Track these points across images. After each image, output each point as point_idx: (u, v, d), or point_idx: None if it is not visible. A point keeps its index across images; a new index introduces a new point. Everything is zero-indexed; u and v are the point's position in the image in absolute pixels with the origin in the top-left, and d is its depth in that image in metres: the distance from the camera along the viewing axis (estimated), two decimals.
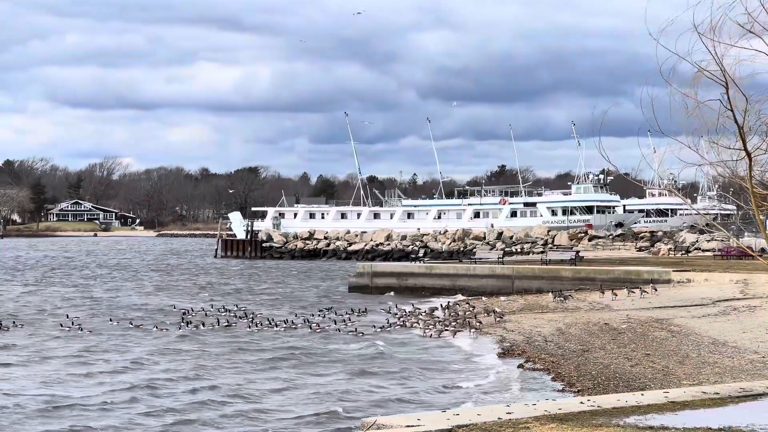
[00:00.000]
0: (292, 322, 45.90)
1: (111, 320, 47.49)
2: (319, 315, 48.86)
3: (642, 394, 17.50)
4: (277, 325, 44.57)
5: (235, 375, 31.60)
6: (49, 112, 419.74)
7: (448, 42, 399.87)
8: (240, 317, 48.06)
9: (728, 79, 14.50)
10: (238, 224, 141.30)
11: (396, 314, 47.47)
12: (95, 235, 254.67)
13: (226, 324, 45.44)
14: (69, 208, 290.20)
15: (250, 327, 44.29)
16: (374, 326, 43.61)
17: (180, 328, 43.91)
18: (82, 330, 43.36)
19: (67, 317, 48.04)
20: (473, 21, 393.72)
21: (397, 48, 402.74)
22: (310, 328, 43.43)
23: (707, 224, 25.65)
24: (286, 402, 27.23)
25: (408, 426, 14.01)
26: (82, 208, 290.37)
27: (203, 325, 45.02)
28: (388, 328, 43.50)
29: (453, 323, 42.96)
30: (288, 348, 37.88)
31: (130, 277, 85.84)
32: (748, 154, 14.76)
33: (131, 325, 45.17)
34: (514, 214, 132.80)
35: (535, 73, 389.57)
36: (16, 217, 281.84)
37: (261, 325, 44.88)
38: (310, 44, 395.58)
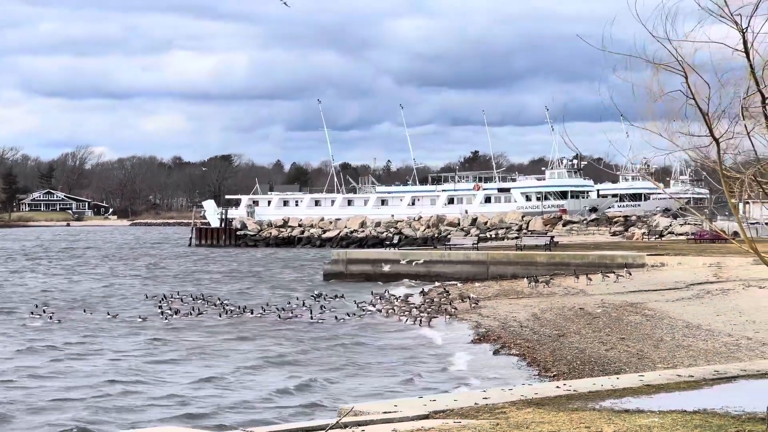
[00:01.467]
0: (262, 309, 45.86)
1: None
2: (307, 301, 48.78)
3: (617, 378, 17.57)
4: (251, 312, 44.58)
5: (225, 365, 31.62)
6: (22, 101, 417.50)
7: (424, 28, 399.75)
8: (213, 305, 48.00)
9: (685, 67, 14.51)
10: (212, 212, 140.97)
11: (371, 301, 47.48)
12: (68, 224, 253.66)
13: (198, 313, 45.30)
14: (41, 198, 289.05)
15: (220, 316, 44.23)
16: (348, 313, 43.62)
17: (162, 317, 43.87)
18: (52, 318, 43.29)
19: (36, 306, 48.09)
20: (449, 7, 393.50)
21: (373, 35, 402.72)
22: (279, 317, 43.33)
23: (681, 208, 25.78)
24: (264, 391, 27.21)
25: (385, 412, 14.02)
26: (55, 198, 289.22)
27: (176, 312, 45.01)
28: (363, 315, 43.53)
29: (428, 310, 42.99)
30: (264, 334, 37.92)
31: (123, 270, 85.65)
32: (716, 140, 14.80)
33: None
34: (488, 200, 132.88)
35: (511, 58, 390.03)
36: None
37: (231, 313, 44.84)
38: (286, 31, 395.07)
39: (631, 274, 50.38)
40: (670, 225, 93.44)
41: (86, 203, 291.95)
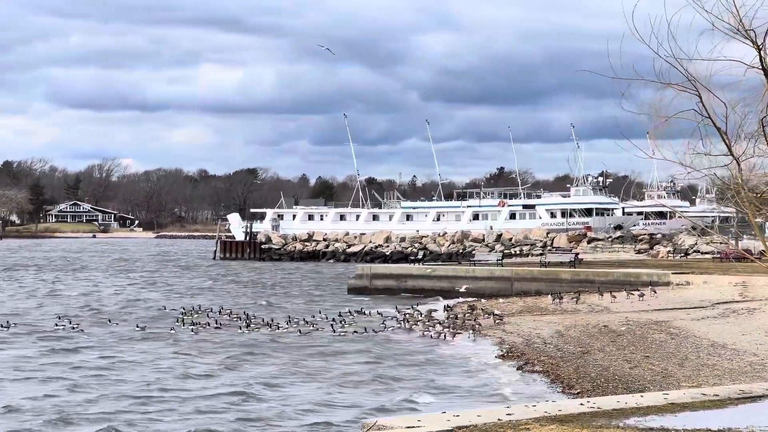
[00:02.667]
0: (282, 323, 45.85)
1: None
2: (330, 315, 48.71)
3: (642, 396, 17.52)
4: (277, 327, 44.61)
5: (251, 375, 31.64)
6: (50, 113, 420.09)
7: (450, 44, 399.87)
8: (238, 318, 48.00)
9: (698, 87, 14.44)
10: (237, 226, 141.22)
11: (395, 316, 47.42)
12: (94, 236, 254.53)
13: (217, 326, 45.28)
14: (68, 210, 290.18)
15: (241, 329, 44.19)
16: (373, 328, 43.59)
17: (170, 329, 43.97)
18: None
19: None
20: (476, 22, 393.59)
21: (400, 50, 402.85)
22: (300, 332, 43.32)
23: (702, 230, 25.67)
24: (285, 405, 27.22)
25: (408, 427, 14.02)
26: (81, 210, 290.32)
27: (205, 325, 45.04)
28: (387, 330, 43.50)
29: (452, 325, 42.93)
30: (286, 348, 37.93)
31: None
32: (736, 159, 14.72)
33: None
34: (513, 216, 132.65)
35: (537, 74, 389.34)
36: (14, 218, 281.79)
37: (254, 327, 44.87)
38: (314, 46, 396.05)
39: (656, 292, 50.18)
40: (696, 243, 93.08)
41: (112, 215, 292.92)
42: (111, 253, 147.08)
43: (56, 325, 45.81)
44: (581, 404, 16.26)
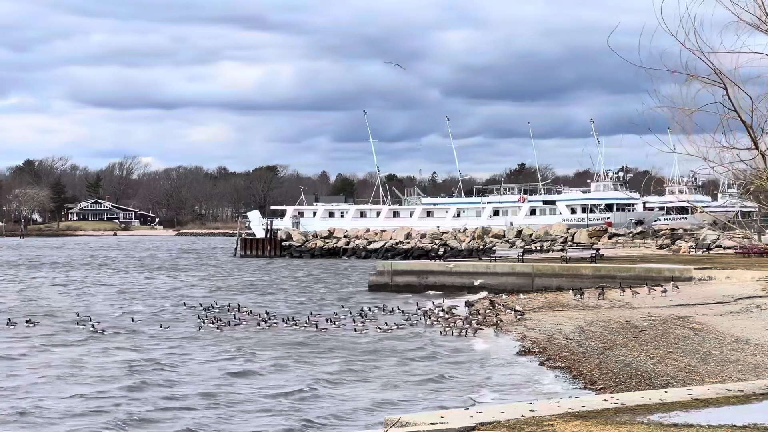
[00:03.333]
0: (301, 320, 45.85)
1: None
2: (353, 312, 48.63)
3: (666, 392, 17.43)
4: (296, 323, 44.64)
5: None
6: (71, 111, 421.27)
7: (470, 40, 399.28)
8: (258, 315, 48.03)
9: (725, 80, 14.33)
10: (257, 223, 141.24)
11: (416, 313, 47.39)
12: (115, 234, 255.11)
13: (237, 323, 45.31)
14: (89, 208, 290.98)
15: (259, 324, 44.30)
16: (395, 324, 43.56)
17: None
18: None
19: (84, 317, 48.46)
20: (496, 18, 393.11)
21: (420, 46, 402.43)
22: (316, 327, 43.33)
23: (725, 225, 25.52)
24: (311, 397, 27.21)
25: (431, 423, 13.97)
26: (102, 208, 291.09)
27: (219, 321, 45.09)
28: (408, 327, 43.47)
29: (473, 321, 42.88)
30: (298, 344, 37.95)
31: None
32: (762, 153, 14.60)
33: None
34: (533, 212, 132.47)
35: (557, 70, 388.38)
36: (36, 216, 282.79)
37: (271, 323, 44.88)
38: (334, 42, 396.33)
39: (678, 288, 49.97)
40: (718, 238, 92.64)
41: (133, 213, 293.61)
42: (141, 251, 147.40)
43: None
44: (605, 400, 16.19)
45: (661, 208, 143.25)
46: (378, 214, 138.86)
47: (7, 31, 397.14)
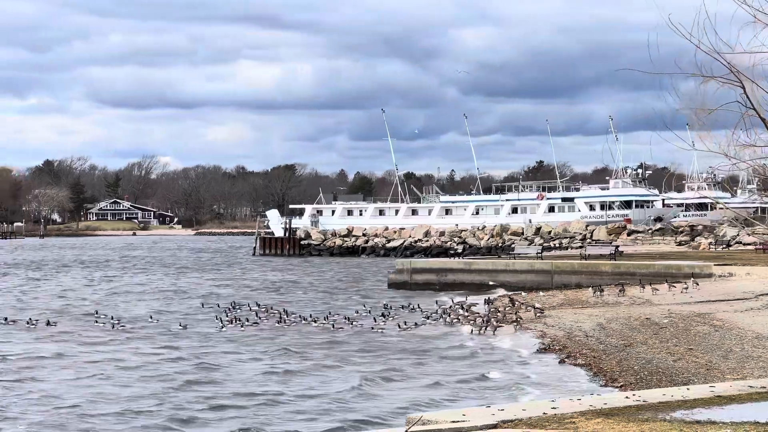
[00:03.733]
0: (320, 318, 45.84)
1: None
2: (373, 311, 48.56)
3: (687, 389, 17.40)
4: (315, 321, 44.69)
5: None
6: (90, 111, 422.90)
7: (488, 38, 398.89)
8: (278, 313, 48.04)
9: (742, 78, 14.28)
10: (275, 222, 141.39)
11: (435, 311, 47.37)
12: (134, 234, 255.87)
13: (256, 322, 45.31)
14: (108, 208, 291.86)
15: (279, 323, 44.33)
16: (415, 322, 43.56)
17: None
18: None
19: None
20: (514, 16, 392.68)
21: (438, 44, 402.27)
22: (333, 326, 43.39)
23: (746, 221, 25.46)
24: (334, 396, 27.23)
25: (453, 421, 13.99)
26: (121, 208, 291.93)
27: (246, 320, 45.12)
28: (428, 324, 43.47)
29: (493, 319, 42.86)
30: (332, 342, 37.97)
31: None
32: None
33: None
34: (551, 209, 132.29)
35: (575, 67, 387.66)
36: (56, 216, 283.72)
37: (290, 322, 44.89)
38: (352, 41, 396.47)
39: (698, 284, 49.85)
40: (738, 234, 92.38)
41: (151, 213, 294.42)
42: (163, 251, 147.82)
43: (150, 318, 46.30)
44: (627, 397, 16.18)
45: (680, 205, 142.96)
46: (397, 212, 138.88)
47: (26, 32, 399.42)
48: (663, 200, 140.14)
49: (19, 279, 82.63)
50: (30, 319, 45.92)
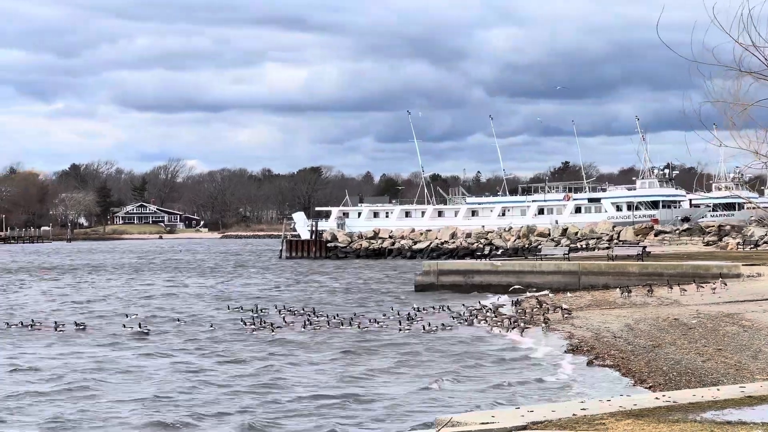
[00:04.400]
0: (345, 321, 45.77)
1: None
2: (402, 312, 48.43)
3: (718, 389, 17.31)
4: (342, 323, 44.64)
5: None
6: (117, 115, 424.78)
7: (514, 38, 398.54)
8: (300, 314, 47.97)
9: None
10: (302, 224, 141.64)
11: (463, 312, 47.32)
12: (160, 237, 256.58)
13: (278, 326, 45.03)
14: (134, 211, 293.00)
15: (305, 327, 44.13)
16: (442, 324, 43.52)
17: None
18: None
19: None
20: (539, 16, 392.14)
21: (464, 45, 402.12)
22: (359, 326, 43.32)
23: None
24: (356, 401, 27.22)
25: (483, 423, 13.95)
26: (147, 211, 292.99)
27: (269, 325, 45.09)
28: (456, 326, 43.43)
29: (520, 320, 42.79)
30: (352, 343, 37.96)
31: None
32: None
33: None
34: (578, 210, 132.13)
35: (602, 67, 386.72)
36: (82, 220, 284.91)
37: (316, 324, 44.82)
38: (377, 42, 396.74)
39: (726, 285, 49.62)
40: (766, 234, 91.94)
41: (178, 216, 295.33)
42: (191, 254, 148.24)
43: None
44: (656, 398, 16.10)
45: (708, 205, 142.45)
46: (423, 214, 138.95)
47: (54, 37, 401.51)
48: (690, 200, 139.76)
49: (107, 281, 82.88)
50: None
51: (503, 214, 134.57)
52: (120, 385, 30.11)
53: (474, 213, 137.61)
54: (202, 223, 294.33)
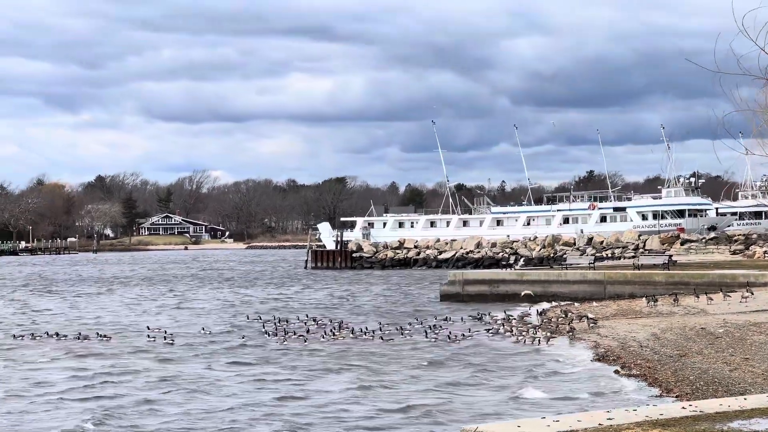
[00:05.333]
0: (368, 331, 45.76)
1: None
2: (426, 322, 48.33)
3: (744, 399, 17.23)
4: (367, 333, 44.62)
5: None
6: (143, 126, 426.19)
7: (540, 47, 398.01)
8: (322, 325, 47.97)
9: None
10: (327, 235, 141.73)
11: (488, 321, 47.24)
12: (186, 248, 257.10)
13: (303, 336, 44.95)
14: (160, 222, 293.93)
15: (324, 337, 43.96)
16: (467, 333, 43.45)
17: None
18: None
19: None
20: (566, 25, 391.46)
21: (489, 55, 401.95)
22: (381, 338, 43.21)
23: None
24: (375, 408, 27.19)
25: None
26: (173, 222, 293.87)
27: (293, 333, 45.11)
28: (481, 335, 43.36)
29: (546, 329, 42.70)
30: (371, 354, 37.93)
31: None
32: None
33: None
34: (603, 219, 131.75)
35: (628, 75, 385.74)
36: (108, 231, 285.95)
37: (337, 333, 44.79)
38: (403, 52, 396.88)
39: (753, 294, 49.40)
40: None
41: (203, 227, 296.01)
42: (217, 265, 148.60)
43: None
44: (683, 408, 16.03)
45: (734, 213, 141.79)
46: (448, 223, 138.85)
47: (80, 49, 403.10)
48: (716, 209, 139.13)
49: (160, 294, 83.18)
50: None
51: (528, 224, 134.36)
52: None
53: (499, 222, 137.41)
54: (227, 233, 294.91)
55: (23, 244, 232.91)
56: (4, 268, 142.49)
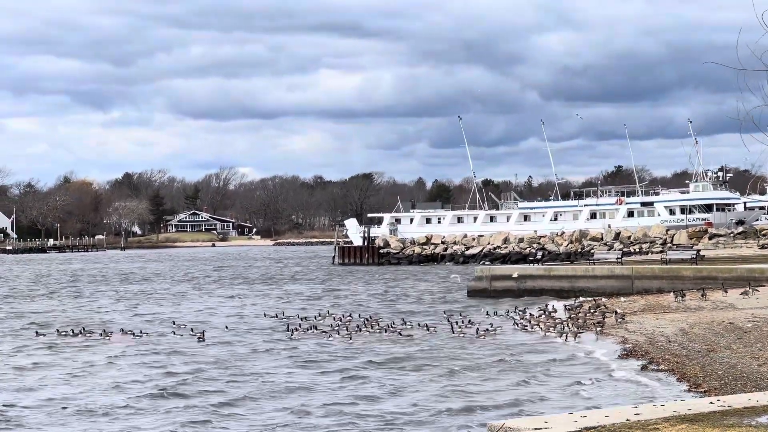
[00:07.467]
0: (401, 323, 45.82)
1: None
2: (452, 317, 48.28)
3: None
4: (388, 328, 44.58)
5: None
6: (172, 123, 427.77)
7: (570, 42, 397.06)
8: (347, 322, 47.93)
9: None
10: (354, 231, 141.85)
11: (516, 317, 47.22)
12: (213, 245, 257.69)
13: (327, 334, 44.83)
14: (187, 219, 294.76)
15: (348, 333, 43.84)
16: (495, 328, 43.42)
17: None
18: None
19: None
20: (595, 19, 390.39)
21: (519, 50, 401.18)
22: (400, 333, 43.15)
23: None
24: (411, 403, 27.22)
25: (536, 429, 13.93)
26: (200, 219, 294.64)
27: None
28: (509, 331, 43.34)
29: (574, 324, 42.63)
30: (405, 351, 37.97)
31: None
32: None
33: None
34: (631, 214, 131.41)
35: (658, 70, 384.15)
36: (136, 228, 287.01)
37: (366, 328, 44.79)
38: (432, 48, 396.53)
39: None
40: None
41: (230, 224, 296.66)
42: (248, 261, 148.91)
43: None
44: (711, 403, 16.00)
45: (762, 208, 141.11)
46: (475, 219, 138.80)
47: (110, 46, 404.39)
48: (745, 203, 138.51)
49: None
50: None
51: (555, 219, 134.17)
52: None
53: (526, 218, 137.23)
54: (254, 230, 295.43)
55: (51, 241, 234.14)
56: (52, 266, 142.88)
